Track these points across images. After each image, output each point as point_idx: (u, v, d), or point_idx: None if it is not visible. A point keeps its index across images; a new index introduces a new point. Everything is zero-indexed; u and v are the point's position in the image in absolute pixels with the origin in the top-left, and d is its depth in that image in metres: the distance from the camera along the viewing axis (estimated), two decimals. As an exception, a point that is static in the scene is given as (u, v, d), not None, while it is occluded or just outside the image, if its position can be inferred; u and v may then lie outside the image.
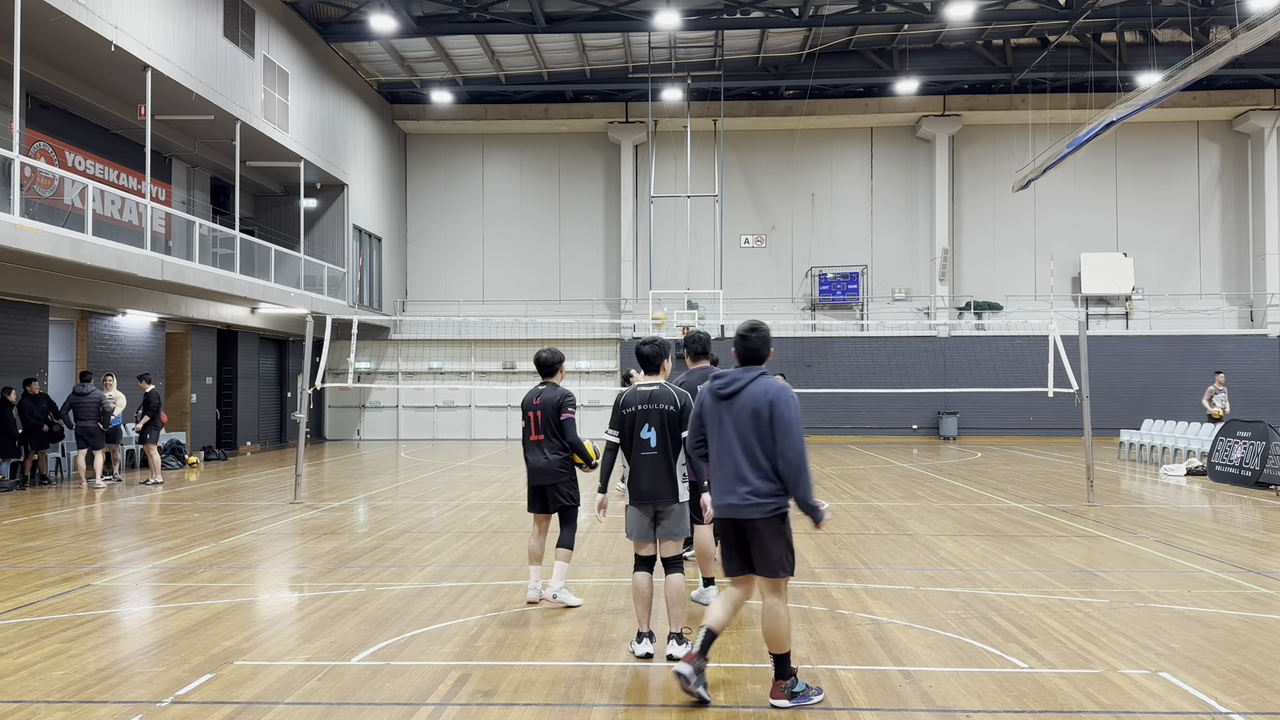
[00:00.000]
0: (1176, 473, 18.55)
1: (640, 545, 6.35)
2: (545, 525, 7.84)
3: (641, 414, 6.35)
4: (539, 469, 7.57)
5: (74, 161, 18.31)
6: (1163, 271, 31.80)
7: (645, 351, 6.61)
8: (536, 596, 7.69)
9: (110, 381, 18.09)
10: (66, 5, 15.05)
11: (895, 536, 11.17)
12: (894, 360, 30.01)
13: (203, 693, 5.56)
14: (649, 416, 6.33)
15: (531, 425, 7.60)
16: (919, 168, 32.44)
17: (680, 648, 6.03)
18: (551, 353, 7.73)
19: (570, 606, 7.56)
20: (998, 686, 5.63)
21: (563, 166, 33.28)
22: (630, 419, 6.39)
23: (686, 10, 25.58)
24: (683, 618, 6.19)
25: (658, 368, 6.64)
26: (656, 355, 6.60)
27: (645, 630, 6.30)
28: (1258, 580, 8.70)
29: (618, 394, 6.68)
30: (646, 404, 6.36)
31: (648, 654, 6.21)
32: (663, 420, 6.30)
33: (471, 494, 15.76)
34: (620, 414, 6.46)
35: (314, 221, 27.43)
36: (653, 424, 6.31)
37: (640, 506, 6.32)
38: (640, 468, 6.31)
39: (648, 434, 6.30)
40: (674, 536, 6.30)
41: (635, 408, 6.38)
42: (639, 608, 6.31)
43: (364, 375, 31.53)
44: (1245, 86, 30.80)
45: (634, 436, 6.35)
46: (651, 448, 6.29)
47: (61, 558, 9.94)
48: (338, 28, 26.07)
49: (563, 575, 7.59)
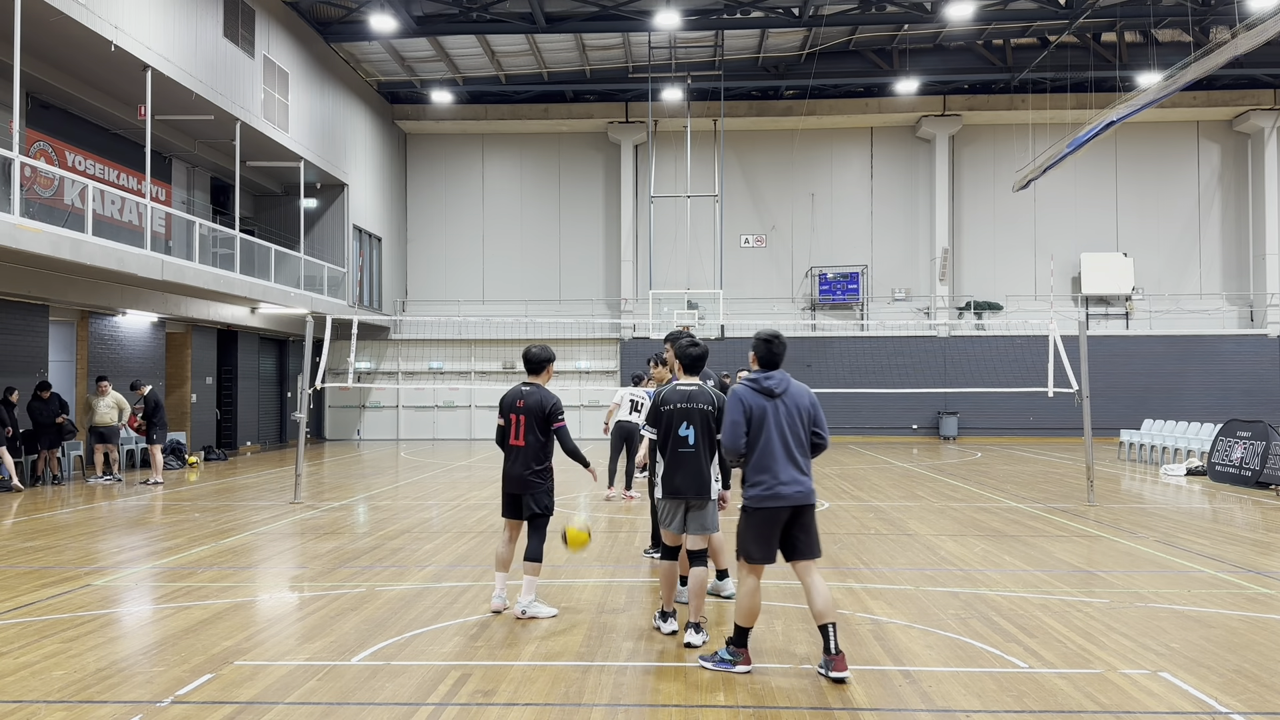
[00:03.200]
0: (1176, 473, 18.55)
1: (674, 538, 6.71)
2: (516, 532, 7.51)
3: (681, 412, 6.59)
4: (515, 476, 7.27)
5: (74, 161, 18.31)
6: (1163, 271, 31.80)
7: (693, 353, 6.76)
8: (501, 606, 7.35)
9: (105, 387, 17.64)
10: (66, 5, 15.04)
11: (895, 536, 11.17)
12: (894, 360, 30.01)
13: (203, 693, 5.56)
14: (689, 415, 6.58)
15: (512, 428, 7.28)
16: (919, 168, 32.44)
17: (698, 636, 6.42)
18: (543, 349, 7.43)
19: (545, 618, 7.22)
20: (998, 686, 5.63)
21: (563, 166, 33.28)
22: (669, 416, 6.62)
23: (686, 10, 25.58)
24: (701, 609, 6.57)
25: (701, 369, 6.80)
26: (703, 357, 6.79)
27: (670, 610, 6.83)
28: (1258, 580, 8.70)
29: (655, 392, 6.91)
30: (686, 403, 6.61)
31: (673, 632, 6.69)
32: (704, 420, 6.58)
33: (471, 494, 15.75)
34: (658, 411, 6.69)
35: (314, 221, 27.44)
36: (692, 422, 6.57)
37: (673, 500, 6.61)
38: (677, 464, 6.56)
39: (686, 431, 6.57)
40: (702, 531, 6.62)
41: (674, 405, 6.63)
42: (665, 591, 6.86)
43: (364, 375, 31.52)
44: (1245, 86, 30.80)
45: (672, 433, 6.58)
46: (690, 445, 6.56)
47: (61, 558, 9.94)
48: (338, 28, 26.07)
49: (532, 589, 7.26)
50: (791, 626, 6.97)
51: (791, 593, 8.06)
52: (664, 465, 6.66)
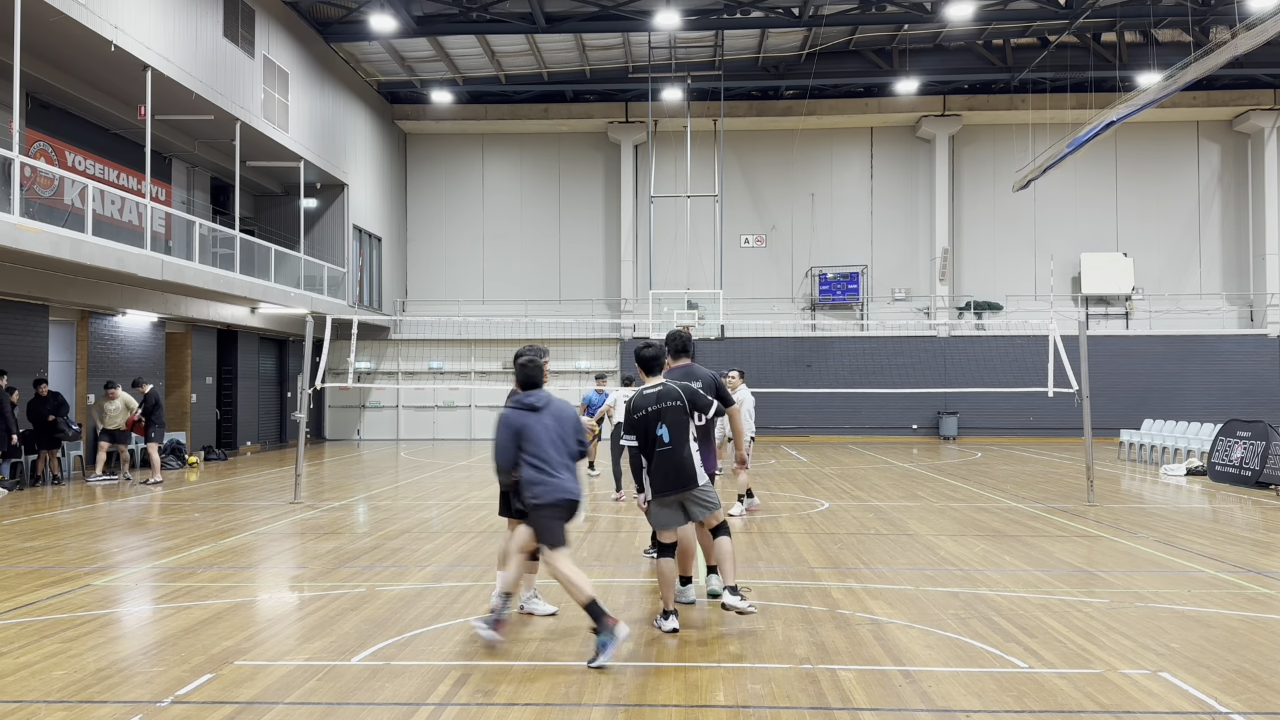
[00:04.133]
0: (1176, 473, 18.55)
1: (666, 535, 6.80)
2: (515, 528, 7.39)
3: (654, 414, 6.73)
4: None
5: (74, 161, 18.31)
6: (1163, 271, 31.80)
7: (646, 354, 6.96)
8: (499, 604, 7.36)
9: (114, 392, 17.61)
10: (66, 5, 15.04)
11: (895, 536, 11.17)
12: (894, 360, 30.01)
13: (203, 693, 5.56)
14: (661, 415, 6.72)
15: None
16: (919, 168, 32.44)
17: (734, 598, 6.70)
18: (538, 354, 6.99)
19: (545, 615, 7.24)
20: (998, 686, 5.63)
21: (563, 166, 33.28)
22: (643, 422, 6.74)
23: (686, 10, 25.58)
24: (733, 572, 6.83)
25: (660, 368, 7.01)
26: (656, 358, 7.00)
27: (671, 609, 6.83)
28: (1258, 580, 8.70)
29: (627, 400, 7.04)
30: (656, 404, 6.75)
31: (674, 629, 6.71)
32: (675, 416, 6.73)
33: (471, 494, 15.75)
34: (632, 419, 6.79)
35: (314, 221, 27.44)
36: (665, 422, 6.71)
37: (664, 499, 6.75)
38: (659, 464, 6.71)
39: (661, 431, 6.71)
40: (708, 510, 6.85)
41: (646, 410, 6.75)
42: (665, 590, 6.86)
43: (364, 375, 31.52)
44: (1245, 86, 30.80)
45: (650, 437, 6.72)
46: (666, 444, 6.71)
47: (61, 558, 9.94)
48: (338, 28, 26.07)
49: (530, 584, 7.31)
50: (791, 627, 6.97)
51: (791, 593, 8.07)
52: (649, 470, 6.76)
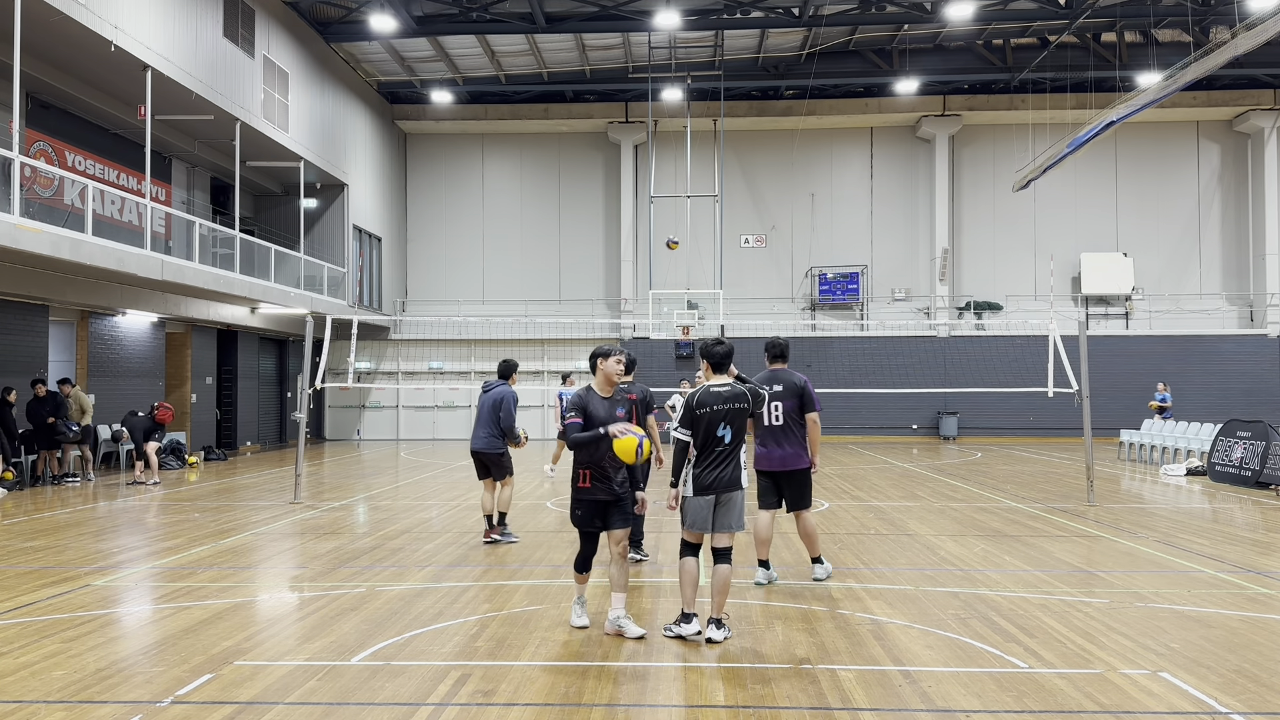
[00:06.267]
0: (1176, 473, 18.54)
1: (696, 535, 6.74)
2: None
3: (721, 414, 6.69)
4: None
5: (74, 161, 18.31)
6: (1163, 271, 31.80)
7: (719, 352, 6.89)
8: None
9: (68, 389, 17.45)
10: (66, 5, 15.04)
11: (895, 536, 11.17)
12: (894, 360, 30.01)
13: (203, 693, 5.56)
14: (729, 416, 6.70)
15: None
16: (919, 168, 32.44)
17: (719, 631, 6.54)
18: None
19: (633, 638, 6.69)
20: (998, 686, 5.63)
21: (563, 166, 33.28)
22: (707, 419, 6.69)
23: (686, 10, 25.58)
24: (724, 605, 6.64)
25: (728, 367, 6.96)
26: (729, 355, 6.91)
27: (691, 611, 6.67)
28: (1258, 580, 8.70)
29: (689, 394, 6.92)
30: (723, 404, 6.71)
31: (698, 632, 6.57)
32: (740, 419, 6.75)
33: (472, 494, 15.73)
34: (693, 414, 6.72)
35: (314, 221, 27.43)
36: (729, 423, 6.69)
37: (704, 497, 6.67)
38: (714, 462, 6.67)
39: (723, 431, 6.68)
40: (728, 529, 6.71)
41: (711, 408, 6.70)
42: (686, 590, 6.72)
43: (364, 375, 31.52)
44: (1245, 86, 30.80)
45: (710, 435, 6.68)
46: (727, 444, 6.70)
47: (61, 558, 9.94)
48: (338, 28, 26.07)
49: (620, 603, 6.80)
50: (791, 627, 6.97)
51: (791, 594, 8.07)
52: (696, 465, 6.70)
